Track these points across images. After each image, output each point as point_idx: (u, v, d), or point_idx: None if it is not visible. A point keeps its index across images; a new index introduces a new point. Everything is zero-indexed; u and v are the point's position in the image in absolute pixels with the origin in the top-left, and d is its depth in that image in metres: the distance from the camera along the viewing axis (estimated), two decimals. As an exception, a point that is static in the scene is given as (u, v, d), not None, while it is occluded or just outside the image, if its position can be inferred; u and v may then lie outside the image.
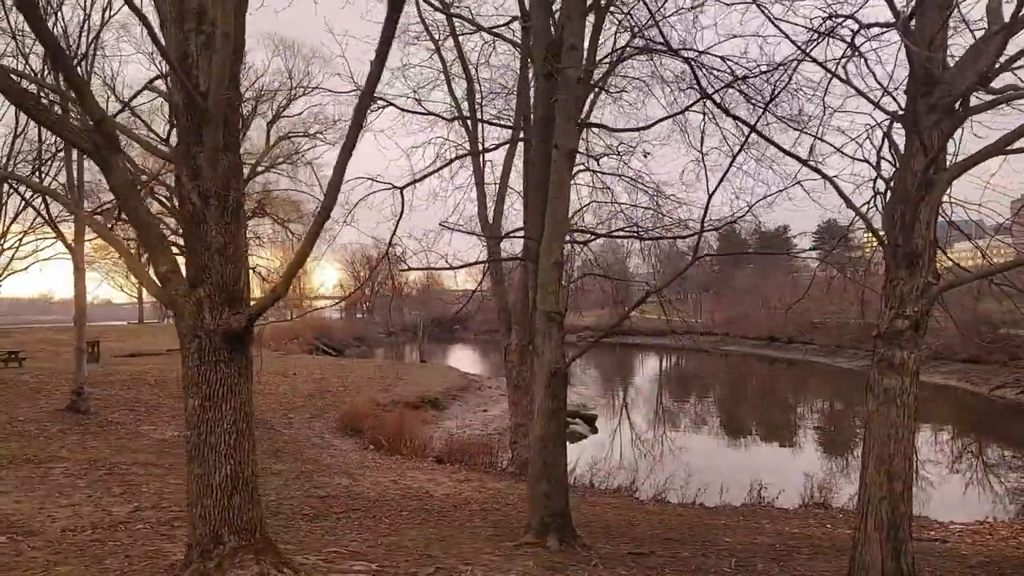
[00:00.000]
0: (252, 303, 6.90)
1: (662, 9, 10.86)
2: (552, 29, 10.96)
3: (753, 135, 9.23)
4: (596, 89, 11.91)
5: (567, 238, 12.45)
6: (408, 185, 9.72)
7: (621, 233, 14.20)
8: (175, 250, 7.36)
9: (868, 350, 36.96)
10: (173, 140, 9.00)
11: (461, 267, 12.25)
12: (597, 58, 11.18)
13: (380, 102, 12.95)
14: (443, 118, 11.27)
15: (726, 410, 40.66)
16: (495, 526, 11.39)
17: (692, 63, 10.06)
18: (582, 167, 19.59)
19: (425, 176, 10.24)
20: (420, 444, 20.15)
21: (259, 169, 41.74)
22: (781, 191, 10.69)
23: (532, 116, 11.54)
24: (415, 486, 15.29)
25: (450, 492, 14.89)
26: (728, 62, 11.26)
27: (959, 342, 45.54)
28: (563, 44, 9.82)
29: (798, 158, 8.06)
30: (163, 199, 41.13)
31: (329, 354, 66.18)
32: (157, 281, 6.79)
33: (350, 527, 10.49)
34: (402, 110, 12.48)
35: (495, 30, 11.01)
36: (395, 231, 9.81)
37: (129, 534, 9.04)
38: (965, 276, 7.66)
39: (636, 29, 10.87)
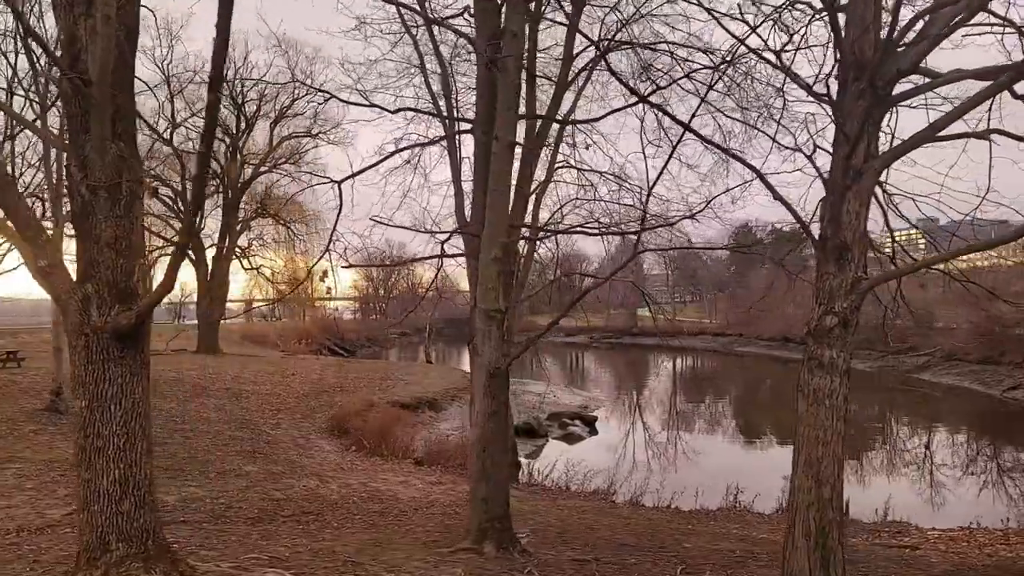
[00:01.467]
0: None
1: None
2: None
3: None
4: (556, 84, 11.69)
5: (525, 234, 12.11)
6: (346, 179, 9.45)
7: (578, 230, 13.77)
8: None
9: (879, 351, 36.60)
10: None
11: (404, 263, 11.90)
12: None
13: (323, 94, 12.61)
14: (387, 110, 10.89)
15: (725, 412, 40.24)
16: (447, 531, 11.09)
17: (641, 60, 9.73)
18: (564, 163, 19.29)
19: (363, 171, 9.95)
20: (402, 446, 19.87)
21: (262, 170, 41.67)
22: (739, 185, 10.30)
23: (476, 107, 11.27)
24: (384, 489, 15.04)
25: (418, 495, 14.64)
26: (676, 57, 10.99)
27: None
28: (504, 32, 9.54)
29: (723, 148, 7.74)
30: (166, 199, 41.22)
31: (340, 354, 66.16)
32: (33, 276, 6.53)
33: (290, 532, 10.24)
34: (344, 102, 12.15)
35: (447, 21, 10.67)
36: (335, 227, 9.52)
37: (51, 538, 8.86)
38: (892, 272, 7.27)
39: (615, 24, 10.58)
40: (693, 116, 8.43)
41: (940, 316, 53.66)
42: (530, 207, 18.57)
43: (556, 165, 18.62)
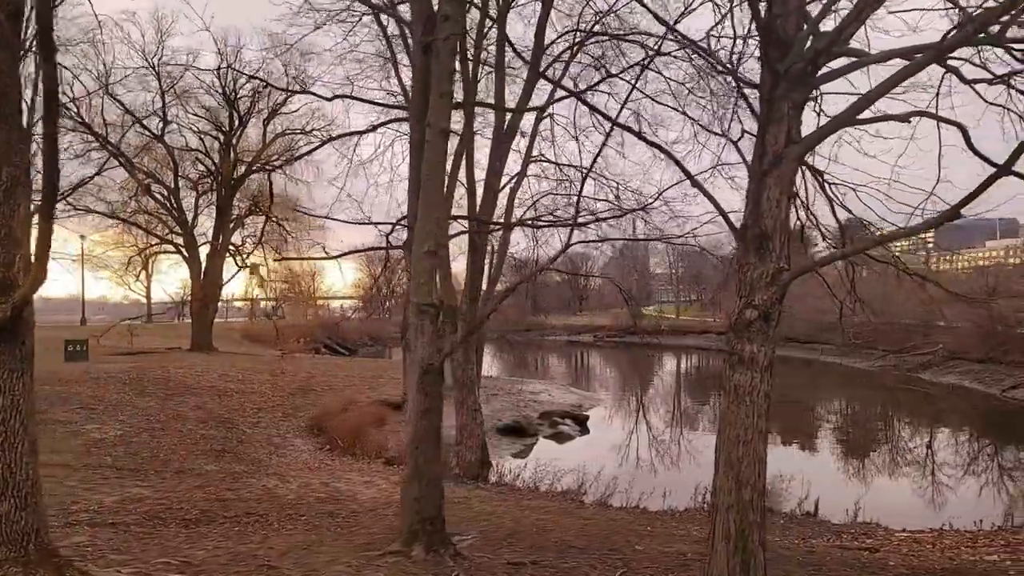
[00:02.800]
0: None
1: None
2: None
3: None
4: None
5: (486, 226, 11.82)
6: (275, 169, 9.22)
7: (527, 221, 13.49)
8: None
9: (885, 350, 36.24)
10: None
11: (339, 256, 11.64)
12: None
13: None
14: (324, 98, 10.53)
15: (717, 411, 39.61)
16: (390, 532, 10.75)
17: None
18: (539, 158, 19.01)
19: (296, 159, 9.71)
20: (375, 445, 19.59)
21: (255, 168, 41.45)
22: (678, 182, 10.00)
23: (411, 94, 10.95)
24: (345, 489, 14.77)
25: (379, 495, 14.35)
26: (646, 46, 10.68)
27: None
28: (438, 16, 9.22)
29: (645, 139, 7.39)
30: (159, 196, 41.06)
31: (341, 353, 66.07)
32: None
33: (223, 534, 9.95)
34: (280, 89, 11.90)
35: (380, 3, 10.36)
36: (267, 220, 9.28)
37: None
38: (812, 263, 6.92)
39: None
40: (622, 108, 8.14)
41: (941, 315, 53.12)
42: (503, 201, 18.42)
43: (531, 159, 18.40)
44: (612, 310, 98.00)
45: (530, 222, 14.25)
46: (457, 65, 15.56)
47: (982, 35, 5.97)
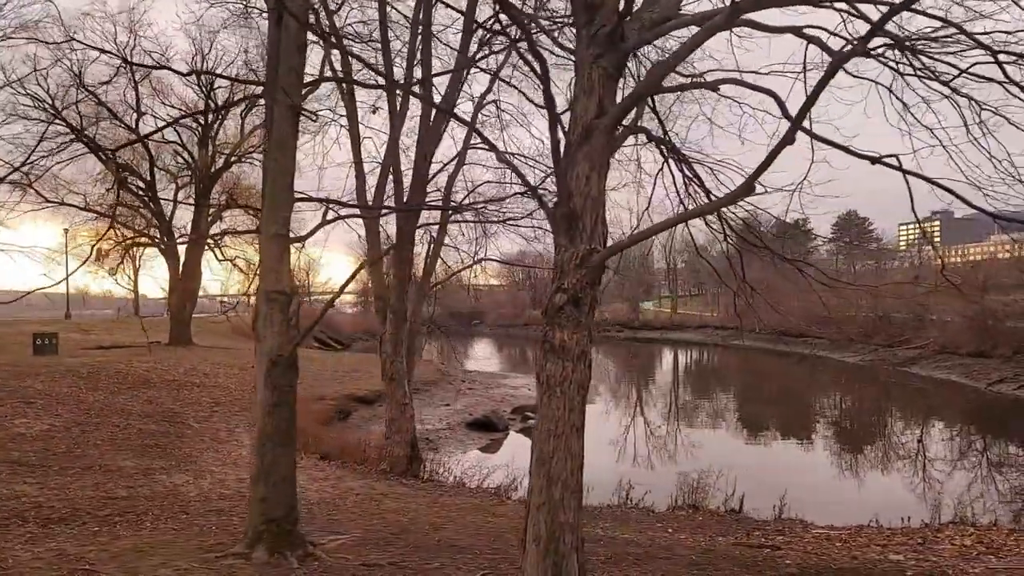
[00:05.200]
0: None
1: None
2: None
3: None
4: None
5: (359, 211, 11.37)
6: (120, 147, 8.77)
7: (398, 206, 12.99)
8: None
9: (876, 344, 35.77)
10: None
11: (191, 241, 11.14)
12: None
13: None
14: (181, 73, 10.01)
15: (702, 406, 39.25)
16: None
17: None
18: (476, 145, 18.51)
19: (144, 138, 9.26)
20: (314, 440, 19.18)
21: (232, 159, 41.11)
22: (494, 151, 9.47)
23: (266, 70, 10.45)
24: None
25: (290, 491, 13.90)
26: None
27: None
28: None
29: (474, 128, 6.90)
30: (136, 189, 40.73)
31: (334, 348, 65.85)
32: None
33: (73, 534, 9.53)
34: (126, 62, 11.49)
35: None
36: (116, 204, 8.86)
37: None
38: (622, 242, 6.43)
39: None
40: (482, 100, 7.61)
41: (934, 309, 52.55)
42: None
43: (469, 145, 17.94)
44: (611, 305, 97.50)
45: (397, 207, 13.78)
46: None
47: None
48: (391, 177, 16.71)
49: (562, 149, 6.17)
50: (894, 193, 7.48)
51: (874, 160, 5.93)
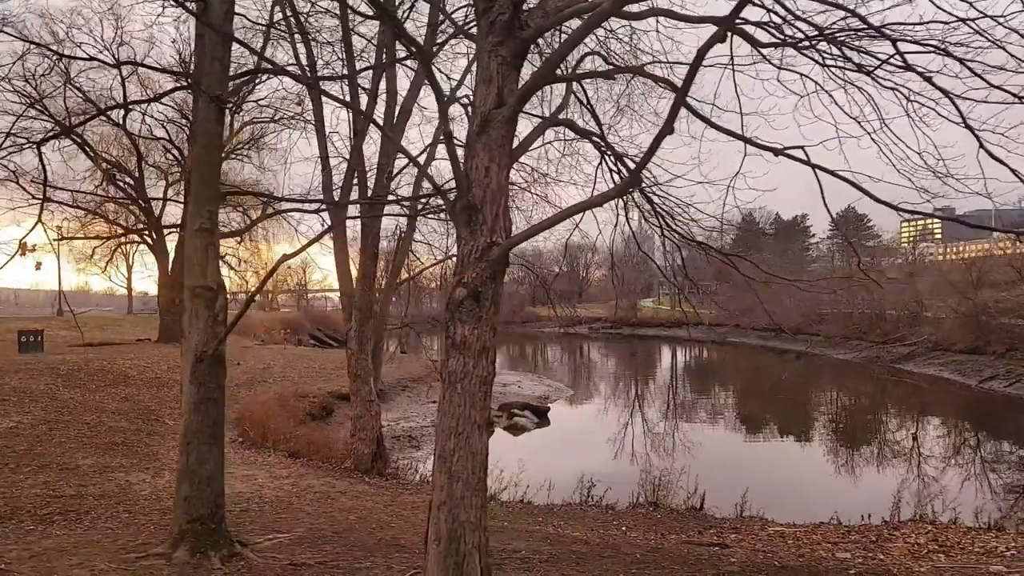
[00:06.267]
0: None
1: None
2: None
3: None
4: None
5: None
6: (44, 140, 8.67)
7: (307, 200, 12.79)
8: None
9: (871, 341, 35.62)
10: None
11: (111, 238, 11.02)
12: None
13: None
14: (110, 64, 9.83)
15: (692, 404, 39.06)
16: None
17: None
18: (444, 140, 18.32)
19: (58, 135, 9.16)
20: (284, 437, 19.08)
21: (222, 156, 40.93)
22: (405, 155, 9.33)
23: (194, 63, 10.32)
24: (216, 482, 14.23)
25: (247, 489, 13.85)
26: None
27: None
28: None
29: (367, 116, 6.75)
30: (123, 186, 40.66)
31: (330, 345, 65.68)
32: None
33: (6, 533, 9.44)
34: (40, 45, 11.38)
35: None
36: (44, 198, 8.73)
37: None
38: (522, 233, 6.29)
39: None
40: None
41: (930, 306, 52.34)
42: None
43: (439, 140, 17.77)
44: (610, 302, 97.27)
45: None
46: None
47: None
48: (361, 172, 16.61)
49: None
50: (903, 191, 7.28)
51: (777, 152, 5.78)
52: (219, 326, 8.57)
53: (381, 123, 16.09)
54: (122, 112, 38.47)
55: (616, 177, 9.13)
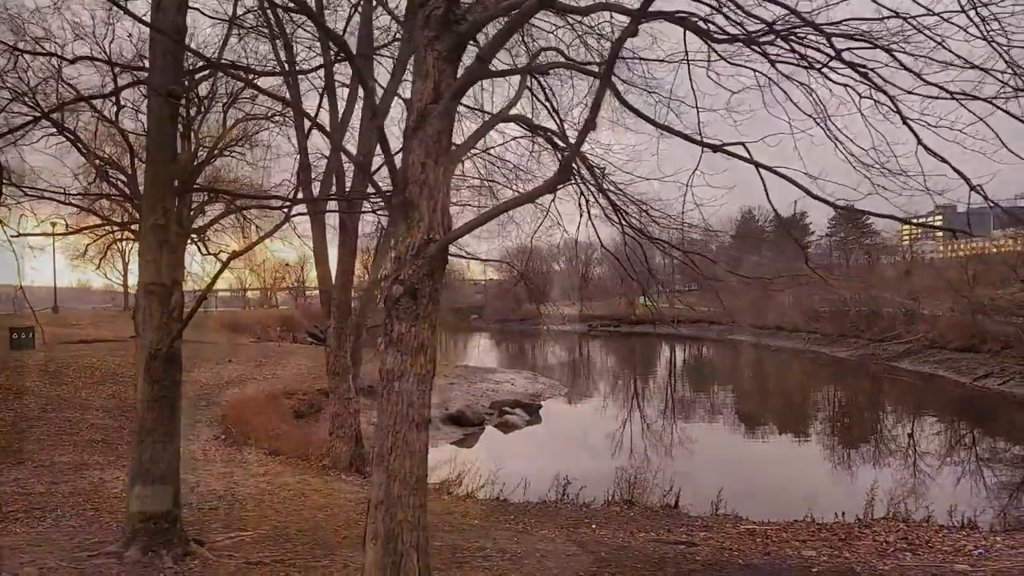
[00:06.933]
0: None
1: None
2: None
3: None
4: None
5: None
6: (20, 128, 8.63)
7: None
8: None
9: (868, 339, 35.54)
10: None
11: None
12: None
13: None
14: (69, 60, 9.73)
15: (686, 402, 38.99)
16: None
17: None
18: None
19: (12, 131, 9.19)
20: (266, 435, 19.05)
21: (214, 153, 40.82)
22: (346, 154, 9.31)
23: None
24: (192, 480, 14.19)
25: (220, 488, 13.83)
26: None
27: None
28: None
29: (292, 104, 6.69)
30: (117, 182, 40.54)
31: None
32: None
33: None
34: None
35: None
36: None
37: None
38: (460, 229, 6.23)
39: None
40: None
41: (926, 304, 52.20)
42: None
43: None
44: (610, 300, 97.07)
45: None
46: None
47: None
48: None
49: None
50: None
51: (715, 148, 5.73)
52: (174, 323, 8.52)
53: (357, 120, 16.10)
54: (115, 108, 38.54)
55: (583, 173, 9.11)
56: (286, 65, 16.36)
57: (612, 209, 8.70)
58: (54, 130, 35.16)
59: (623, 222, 8.84)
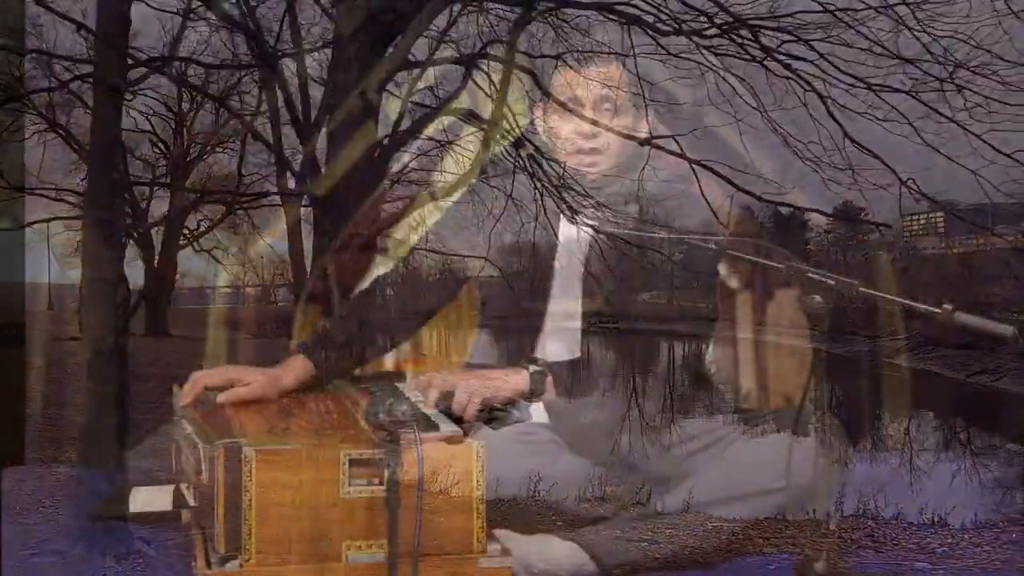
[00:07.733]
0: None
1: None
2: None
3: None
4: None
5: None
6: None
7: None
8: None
9: (865, 335, 35.12)
10: None
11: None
12: None
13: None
14: (19, 52, 9.59)
15: (682, 400, 38.80)
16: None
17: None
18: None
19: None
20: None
21: (207, 149, 40.91)
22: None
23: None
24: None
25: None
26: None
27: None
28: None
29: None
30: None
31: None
32: None
33: None
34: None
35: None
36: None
37: None
38: (380, 224, 6.15)
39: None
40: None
41: (924, 300, 52.06)
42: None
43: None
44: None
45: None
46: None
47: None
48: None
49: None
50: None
51: (642, 142, 5.61)
52: (119, 320, 8.42)
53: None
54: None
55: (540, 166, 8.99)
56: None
57: (566, 206, 8.59)
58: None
59: (572, 213, 8.73)
